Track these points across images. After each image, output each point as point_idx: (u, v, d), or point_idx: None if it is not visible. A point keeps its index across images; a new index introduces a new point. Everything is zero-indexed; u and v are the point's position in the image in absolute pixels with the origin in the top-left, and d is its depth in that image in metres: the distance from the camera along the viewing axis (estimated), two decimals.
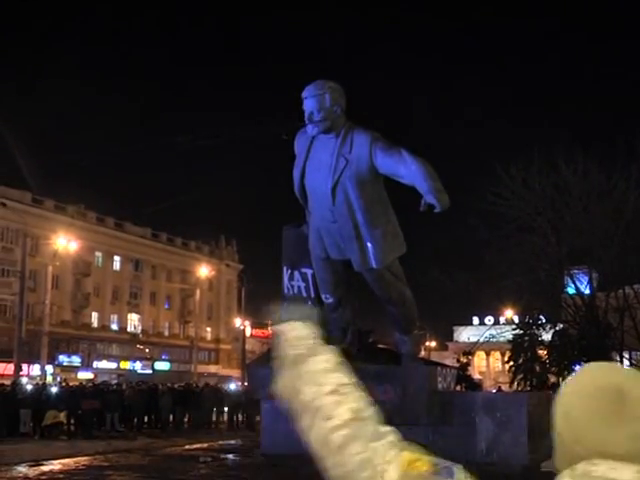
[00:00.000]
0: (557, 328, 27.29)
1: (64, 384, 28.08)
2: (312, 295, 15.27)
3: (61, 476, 13.50)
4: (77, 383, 31.71)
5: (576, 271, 25.04)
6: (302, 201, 14.41)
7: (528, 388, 30.49)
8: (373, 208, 13.90)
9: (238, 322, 71.10)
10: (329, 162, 13.86)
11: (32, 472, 14.21)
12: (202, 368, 69.24)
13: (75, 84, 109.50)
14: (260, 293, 67.10)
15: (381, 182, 13.68)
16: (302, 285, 15.46)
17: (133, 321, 74.57)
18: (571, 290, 25.37)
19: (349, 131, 13.80)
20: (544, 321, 27.63)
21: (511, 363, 33.45)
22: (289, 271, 15.63)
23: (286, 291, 15.89)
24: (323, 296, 14.92)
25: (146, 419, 27.38)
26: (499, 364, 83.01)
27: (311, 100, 13.73)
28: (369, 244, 13.82)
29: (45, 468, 14.74)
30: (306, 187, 14.31)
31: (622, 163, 22.42)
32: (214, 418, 28.99)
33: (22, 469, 14.73)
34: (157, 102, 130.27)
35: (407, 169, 12.82)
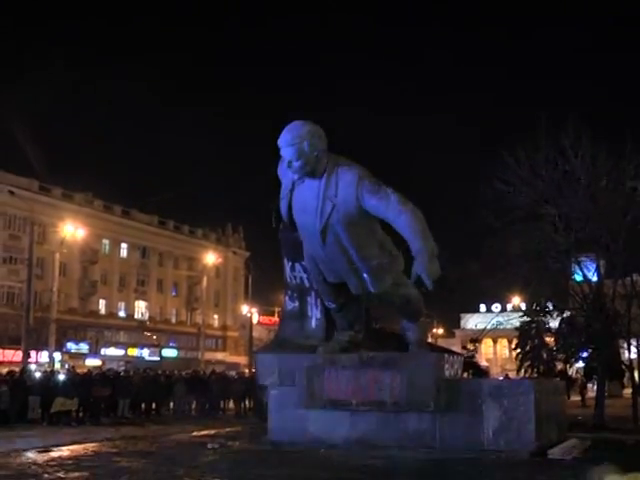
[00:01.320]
0: (564, 315, 27.13)
1: (72, 371, 28.13)
2: (314, 285, 15.55)
3: (70, 462, 13.45)
4: (85, 370, 31.79)
5: (584, 259, 24.86)
6: (293, 229, 14.42)
7: (535, 375, 30.47)
8: (365, 242, 13.92)
9: (245, 309, 71.27)
10: (315, 204, 13.67)
11: (41, 458, 14.16)
12: (209, 355, 69.45)
13: (83, 73, 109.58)
14: (267, 280, 67.39)
15: (371, 215, 13.63)
16: (304, 275, 15.72)
17: (140, 308, 74.78)
18: (578, 277, 25.21)
19: (333, 171, 13.52)
20: (551, 308, 27.50)
21: (518, 350, 33.39)
22: (290, 263, 15.85)
23: (289, 280, 16.11)
24: (326, 303, 15.26)
25: (154, 406, 27.47)
26: (506, 351, 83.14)
27: (289, 149, 13.40)
28: (365, 275, 13.90)
29: (54, 454, 14.73)
30: (295, 221, 14.27)
31: (630, 150, 22.28)
32: (222, 405, 29.06)
33: (31, 455, 14.72)
34: (165, 91, 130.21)
35: (396, 218, 12.88)
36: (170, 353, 73.35)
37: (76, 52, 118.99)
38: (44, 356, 48.74)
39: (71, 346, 62.48)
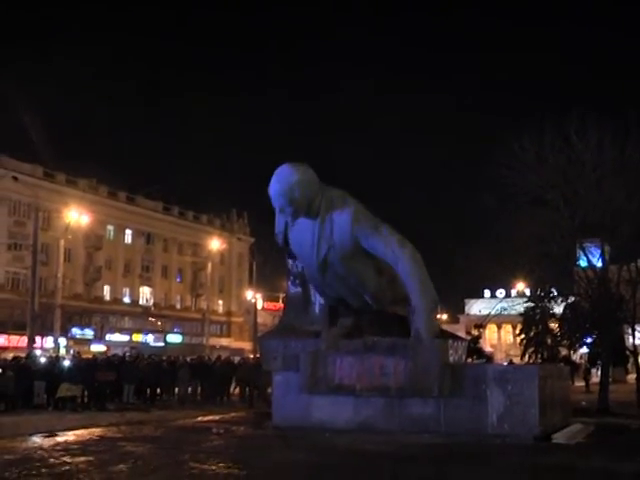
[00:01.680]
0: (569, 301, 26.97)
1: (77, 356, 28.14)
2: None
3: (75, 447, 13.53)
4: (90, 356, 31.85)
5: (588, 244, 24.75)
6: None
7: (539, 361, 30.39)
8: (363, 271, 14.69)
9: (249, 295, 71.31)
10: (311, 241, 14.28)
11: (47, 442, 14.23)
12: (214, 341, 69.55)
13: (90, 58, 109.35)
14: (271, 266, 67.41)
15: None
16: None
17: (145, 294, 74.78)
18: (583, 263, 25.09)
19: (327, 212, 13.94)
20: (556, 294, 27.32)
21: (522, 336, 33.32)
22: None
23: (291, 267, 16.28)
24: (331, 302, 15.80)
25: (159, 391, 27.45)
26: (510, 337, 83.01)
27: (279, 199, 13.80)
28: (367, 296, 14.69)
29: (59, 439, 14.78)
30: (292, 248, 14.83)
31: (635, 136, 22.16)
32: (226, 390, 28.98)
33: (37, 439, 14.78)
34: (168, 78, 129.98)
35: (395, 261, 13.54)
36: (175, 339, 73.45)
37: (79, 39, 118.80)
38: (49, 342, 48.78)
39: (76, 332, 62.51)
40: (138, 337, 69.73)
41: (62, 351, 45.15)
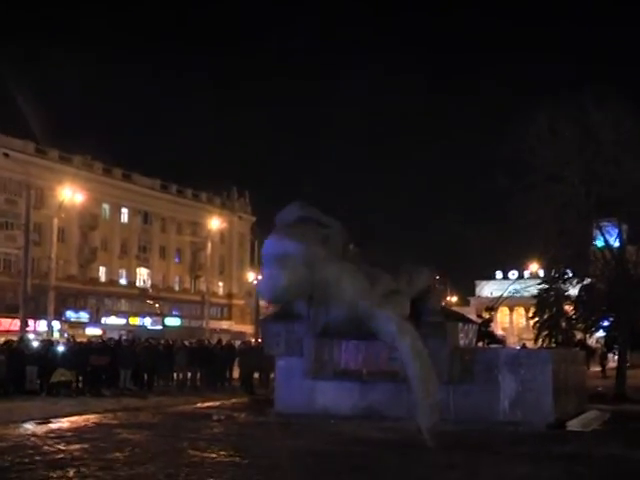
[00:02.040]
0: (584, 282, 26.55)
1: (71, 340, 27.55)
2: None
3: (70, 434, 13.40)
4: (85, 340, 31.27)
5: (605, 223, 24.32)
6: None
7: (553, 345, 29.99)
8: (361, 326, 14.26)
9: (251, 276, 70.62)
10: (306, 314, 14.52)
11: (40, 429, 14.14)
12: (214, 324, 68.75)
13: (86, 32, 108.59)
14: None
15: None
16: None
17: (142, 276, 74.11)
18: (600, 243, 24.64)
19: (322, 299, 13.95)
20: (571, 275, 26.86)
21: (536, 319, 32.90)
22: None
23: None
24: None
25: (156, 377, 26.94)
26: (523, 320, 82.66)
27: (269, 298, 15.05)
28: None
29: (53, 426, 14.79)
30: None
31: None
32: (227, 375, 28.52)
33: (30, 427, 14.73)
34: (172, 54, 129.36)
35: (394, 343, 13.45)
36: (173, 322, 72.82)
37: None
38: (42, 325, 48.18)
39: (70, 315, 62.03)
40: (135, 320, 69.15)
41: (56, 335, 44.63)
